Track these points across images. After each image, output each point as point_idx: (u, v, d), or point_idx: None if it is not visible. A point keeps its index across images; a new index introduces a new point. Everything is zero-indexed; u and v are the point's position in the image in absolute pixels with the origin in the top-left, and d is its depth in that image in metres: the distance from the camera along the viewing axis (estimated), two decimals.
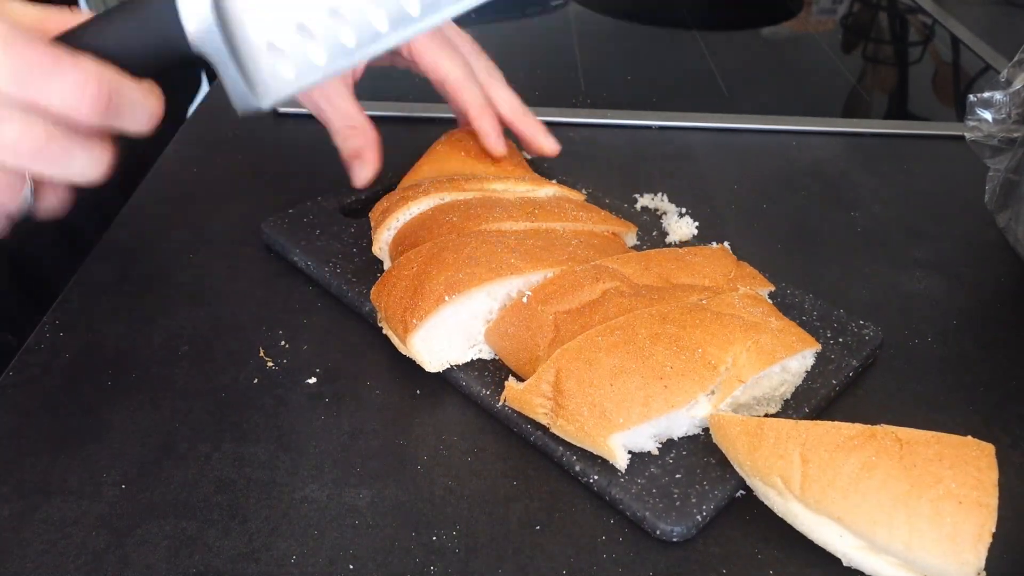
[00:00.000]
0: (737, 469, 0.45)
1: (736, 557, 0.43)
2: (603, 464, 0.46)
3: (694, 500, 0.44)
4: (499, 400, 0.49)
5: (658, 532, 0.43)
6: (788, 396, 0.50)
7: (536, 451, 0.48)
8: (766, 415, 0.49)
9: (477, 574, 0.42)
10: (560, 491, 0.46)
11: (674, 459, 0.46)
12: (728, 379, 0.46)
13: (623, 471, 0.45)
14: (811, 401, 0.50)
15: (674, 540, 0.43)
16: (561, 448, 0.47)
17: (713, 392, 0.46)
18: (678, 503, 0.44)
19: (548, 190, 0.61)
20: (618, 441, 0.45)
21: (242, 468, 0.46)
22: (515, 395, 0.48)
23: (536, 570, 0.42)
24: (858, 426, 0.42)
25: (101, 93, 0.39)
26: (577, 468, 0.46)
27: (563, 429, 0.46)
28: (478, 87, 0.63)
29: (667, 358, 0.45)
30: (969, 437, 0.42)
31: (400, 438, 0.49)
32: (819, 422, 0.43)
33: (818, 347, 0.51)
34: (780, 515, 0.44)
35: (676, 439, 0.47)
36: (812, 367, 0.52)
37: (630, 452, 0.46)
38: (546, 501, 0.45)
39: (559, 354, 0.46)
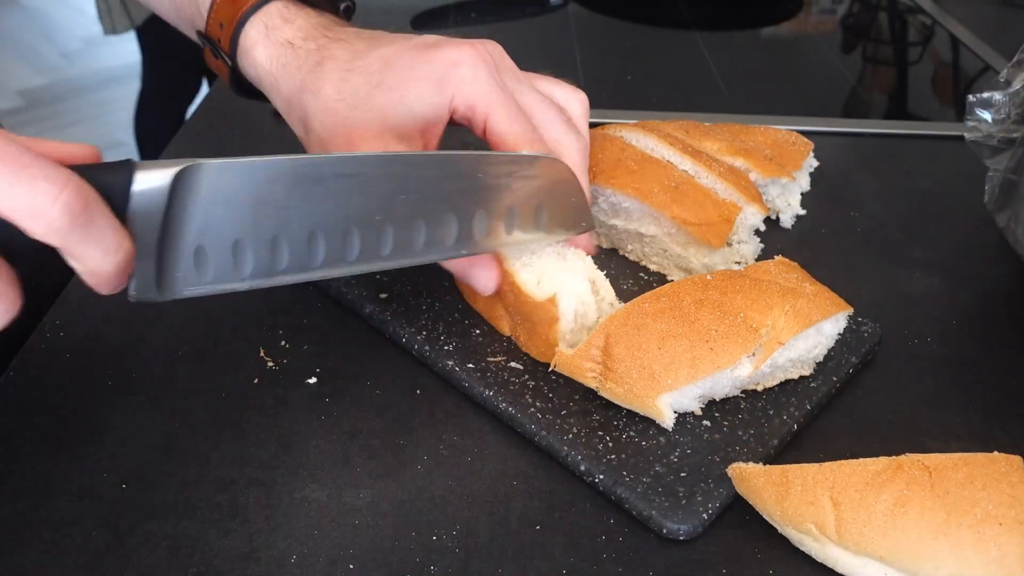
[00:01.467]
0: (767, 519, 0.44)
1: (736, 557, 0.43)
2: (608, 463, 0.46)
3: (699, 498, 0.44)
4: (500, 401, 0.49)
5: (664, 531, 0.43)
6: (820, 359, 0.52)
7: (536, 451, 0.48)
8: (800, 377, 0.52)
9: (477, 574, 0.42)
10: (560, 491, 0.46)
11: (679, 458, 0.46)
12: (768, 341, 0.48)
13: (674, 432, 0.48)
14: (812, 399, 0.50)
15: (680, 539, 0.43)
16: (565, 448, 0.47)
17: (754, 354, 0.48)
18: (684, 501, 0.44)
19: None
20: (665, 401, 0.47)
21: (242, 468, 0.46)
22: (565, 360, 0.49)
23: (536, 570, 0.42)
24: (883, 460, 0.42)
25: (74, 204, 0.35)
26: (582, 468, 0.46)
27: (612, 392, 0.48)
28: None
29: (711, 322, 0.48)
30: (995, 453, 0.42)
31: (400, 438, 0.49)
32: (844, 461, 0.43)
33: (850, 310, 0.53)
34: (820, 561, 0.43)
35: (686, 429, 0.48)
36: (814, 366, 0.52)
37: (675, 412, 0.48)
38: (546, 501, 0.45)
39: (608, 321, 0.48)
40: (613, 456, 0.46)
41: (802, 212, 0.70)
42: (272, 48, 0.54)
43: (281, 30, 0.54)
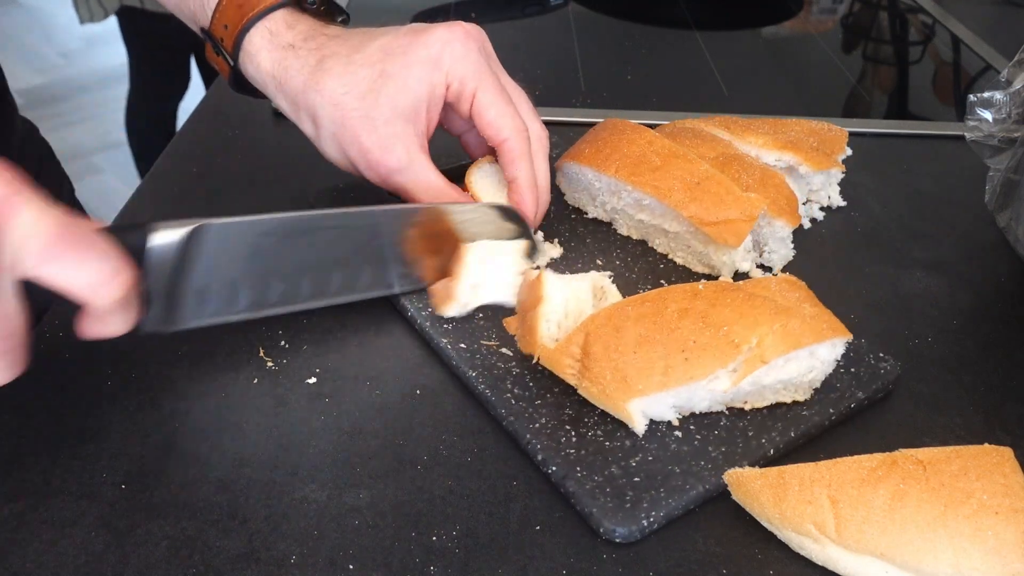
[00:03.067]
0: (766, 525, 0.44)
1: (736, 557, 0.43)
2: (565, 457, 0.46)
3: (646, 505, 0.44)
4: (479, 382, 0.50)
5: (601, 530, 0.43)
6: (817, 385, 0.51)
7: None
8: (794, 402, 0.50)
9: (477, 574, 0.42)
10: (560, 491, 0.46)
11: (638, 463, 0.46)
12: (751, 358, 0.47)
13: (641, 437, 0.47)
14: (800, 427, 0.49)
15: (616, 541, 0.43)
16: (528, 436, 0.47)
17: (735, 370, 0.47)
18: (628, 505, 0.44)
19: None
20: (637, 407, 0.46)
21: (242, 468, 0.46)
22: (547, 354, 0.49)
23: (536, 570, 0.42)
24: (878, 456, 0.42)
25: (125, 284, 0.40)
26: (539, 458, 0.46)
27: (587, 391, 0.48)
28: (530, 162, 0.58)
29: (692, 332, 0.47)
30: (986, 444, 0.42)
31: (400, 438, 0.49)
32: (839, 459, 0.43)
33: (849, 337, 0.51)
34: (820, 563, 0.43)
35: (655, 436, 0.48)
36: (813, 393, 0.51)
37: (651, 421, 0.48)
38: (546, 501, 0.45)
39: (590, 319, 0.48)
40: (572, 451, 0.46)
41: (843, 203, 0.71)
42: (275, 52, 0.56)
43: (284, 35, 0.57)
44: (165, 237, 0.45)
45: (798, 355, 0.49)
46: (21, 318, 0.39)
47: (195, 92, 2.19)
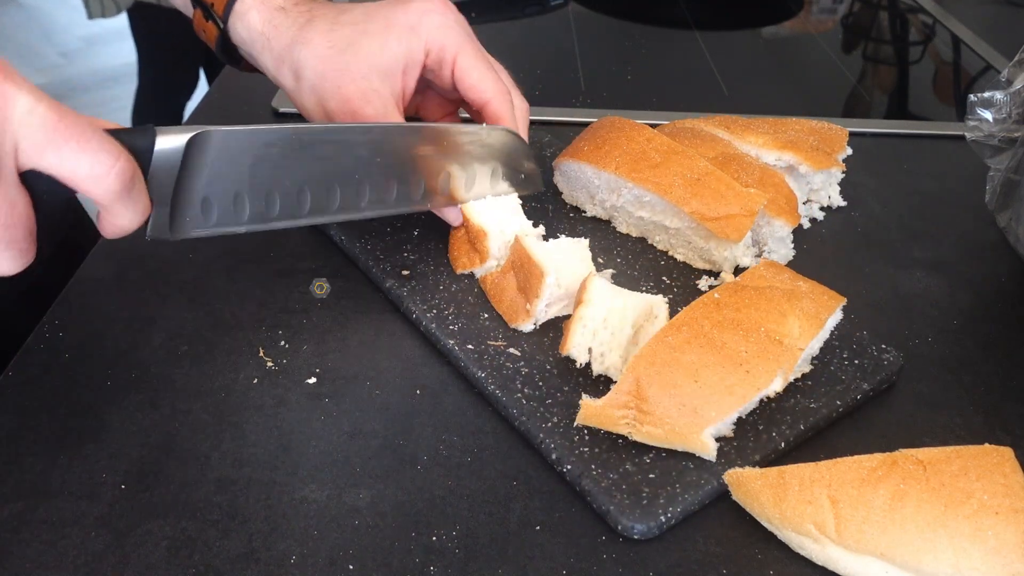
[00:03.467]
0: (766, 525, 0.44)
1: (737, 557, 0.43)
2: (579, 455, 0.46)
3: (662, 501, 0.44)
4: (489, 383, 0.50)
5: (620, 527, 0.43)
6: (816, 353, 0.52)
7: (536, 451, 0.48)
8: (803, 375, 0.51)
9: (477, 574, 0.42)
10: (560, 491, 0.46)
11: (652, 459, 0.46)
12: (792, 350, 0.47)
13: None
14: (808, 420, 0.49)
15: (635, 538, 0.43)
16: (542, 435, 0.47)
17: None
18: (645, 502, 0.44)
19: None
20: (709, 434, 0.46)
21: (242, 468, 0.46)
22: (593, 412, 0.47)
23: (536, 570, 0.42)
24: (878, 456, 0.42)
25: (125, 173, 0.41)
26: (553, 456, 0.46)
27: (649, 435, 0.46)
28: (515, 121, 0.60)
29: (738, 343, 0.46)
30: (986, 444, 0.42)
31: (400, 438, 0.49)
32: (840, 459, 0.43)
33: (844, 301, 0.52)
34: (821, 564, 0.43)
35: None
36: (817, 386, 0.51)
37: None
38: (546, 501, 0.45)
39: (634, 362, 0.46)
40: (586, 449, 0.46)
41: (843, 203, 0.71)
42: (266, 12, 0.59)
43: None
44: (168, 141, 0.45)
45: (823, 331, 0.49)
46: (26, 207, 0.39)
47: (202, 92, 2.19)
